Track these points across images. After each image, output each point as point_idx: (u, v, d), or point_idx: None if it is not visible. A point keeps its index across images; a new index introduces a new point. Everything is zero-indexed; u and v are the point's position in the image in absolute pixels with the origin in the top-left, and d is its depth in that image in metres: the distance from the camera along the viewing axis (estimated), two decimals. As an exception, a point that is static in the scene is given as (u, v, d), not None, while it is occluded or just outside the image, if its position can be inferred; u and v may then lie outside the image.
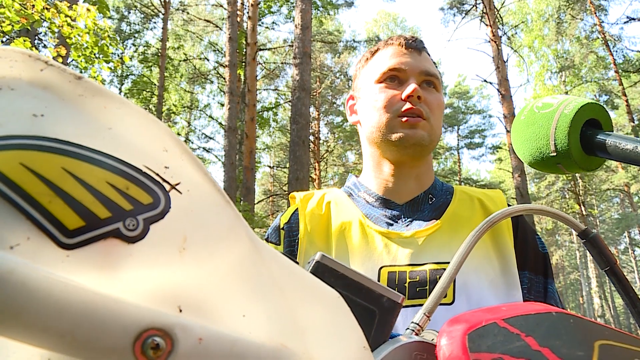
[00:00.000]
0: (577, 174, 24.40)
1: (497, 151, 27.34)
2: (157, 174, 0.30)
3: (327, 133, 25.89)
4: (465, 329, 0.37)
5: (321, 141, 24.43)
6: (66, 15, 6.34)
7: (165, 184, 0.30)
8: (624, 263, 36.57)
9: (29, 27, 6.19)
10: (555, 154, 0.63)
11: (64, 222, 0.27)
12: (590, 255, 0.60)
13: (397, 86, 1.11)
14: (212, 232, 0.31)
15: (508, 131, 12.97)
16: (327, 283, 0.35)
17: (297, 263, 0.36)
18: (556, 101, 0.65)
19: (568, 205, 25.79)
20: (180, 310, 0.29)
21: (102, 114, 0.30)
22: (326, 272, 0.39)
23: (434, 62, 1.19)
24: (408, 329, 0.44)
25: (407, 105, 1.07)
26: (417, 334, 0.43)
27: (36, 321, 0.25)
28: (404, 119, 1.07)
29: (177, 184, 0.31)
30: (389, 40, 1.18)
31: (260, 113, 19.71)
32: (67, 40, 6.59)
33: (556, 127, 0.62)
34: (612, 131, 0.63)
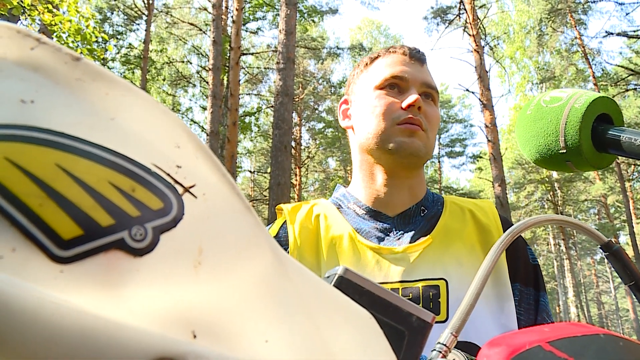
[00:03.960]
0: (555, 184, 24.71)
1: (478, 160, 27.54)
2: (169, 174, 0.25)
3: (309, 139, 25.88)
4: (507, 353, 0.33)
5: (302, 147, 24.39)
6: (47, 2, 6.16)
7: (177, 186, 0.26)
8: (600, 273, 37.08)
9: (6, 14, 6.00)
10: (565, 150, 0.60)
11: (57, 231, 0.22)
12: (613, 269, 0.56)
13: (397, 94, 1.08)
14: (231, 243, 0.27)
15: (489, 140, 13.07)
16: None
17: None
18: (565, 95, 0.62)
19: (547, 215, 25.97)
20: (195, 336, 0.24)
21: (103, 102, 0.26)
22: (350, 288, 0.35)
23: None
24: (435, 350, 0.40)
25: (407, 115, 1.04)
26: (444, 356, 0.39)
27: (22, 351, 0.20)
28: (403, 126, 1.04)
29: (191, 187, 0.26)
30: (391, 49, 1.15)
31: (242, 118, 19.62)
32: (49, 28, 6.41)
33: (566, 122, 0.59)
34: (624, 126, 0.59)
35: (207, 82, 13.62)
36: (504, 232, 1.05)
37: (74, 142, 0.24)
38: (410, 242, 1.03)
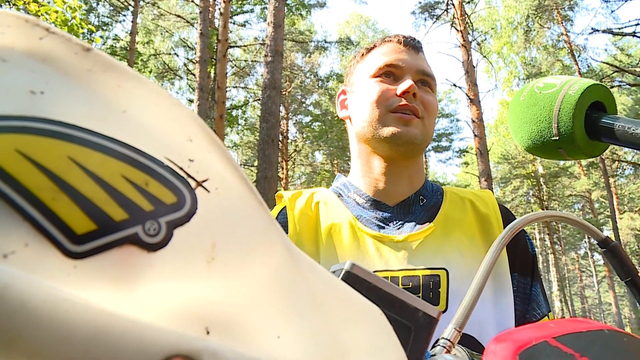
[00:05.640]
0: (541, 179, 24.90)
1: (464, 155, 27.65)
2: (181, 168, 0.25)
3: (296, 132, 25.82)
4: (514, 349, 0.33)
5: (289, 140, 24.34)
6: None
7: (190, 180, 0.25)
8: (584, 267, 37.49)
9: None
10: (557, 137, 0.59)
11: (70, 225, 0.22)
12: (610, 266, 0.57)
13: (393, 82, 1.07)
14: (244, 238, 0.26)
15: (476, 135, 13.12)
16: (357, 296, 0.31)
17: None
18: (559, 81, 0.61)
19: (532, 210, 26.28)
20: (208, 332, 0.24)
21: (115, 94, 0.25)
22: (357, 283, 0.34)
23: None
24: (438, 345, 0.40)
25: (402, 102, 1.03)
26: (448, 351, 0.39)
27: (37, 348, 0.20)
28: (398, 114, 1.03)
29: (204, 181, 0.25)
30: (387, 38, 1.15)
31: (229, 111, 19.52)
32: (34, 18, 6.27)
33: (560, 109, 0.58)
34: (617, 115, 0.59)
35: (194, 75, 13.54)
36: (503, 221, 1.06)
37: (86, 135, 0.23)
38: (410, 231, 1.02)
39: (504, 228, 1.04)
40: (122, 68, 0.26)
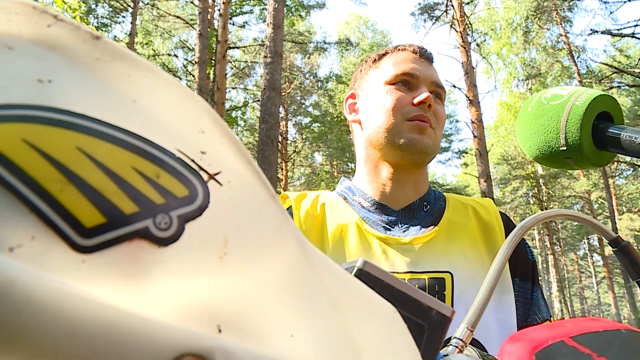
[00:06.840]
0: (540, 180, 24.91)
1: (464, 156, 27.62)
2: (193, 161, 0.24)
3: (295, 133, 25.82)
4: (530, 349, 0.33)
5: (289, 141, 24.33)
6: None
7: (202, 173, 0.24)
8: (583, 268, 37.50)
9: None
10: (565, 148, 0.60)
11: (79, 218, 0.21)
12: (621, 265, 0.56)
13: (408, 91, 1.08)
14: (257, 233, 0.25)
15: (475, 136, 13.12)
16: (369, 294, 0.30)
17: None
18: (566, 92, 0.62)
19: (532, 211, 26.31)
20: (220, 330, 0.23)
21: (125, 83, 0.24)
22: (369, 280, 0.34)
23: None
24: (450, 345, 0.39)
25: (418, 112, 1.04)
26: (461, 351, 0.38)
27: (44, 346, 0.19)
28: (414, 123, 1.04)
29: (216, 174, 0.25)
30: (400, 46, 1.16)
31: (229, 112, 19.52)
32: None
33: (567, 120, 0.59)
34: (624, 125, 0.60)
35: (193, 76, 13.52)
36: (505, 229, 1.07)
37: (95, 125, 0.22)
38: (416, 234, 1.03)
39: (506, 235, 1.05)
40: (132, 57, 0.25)
